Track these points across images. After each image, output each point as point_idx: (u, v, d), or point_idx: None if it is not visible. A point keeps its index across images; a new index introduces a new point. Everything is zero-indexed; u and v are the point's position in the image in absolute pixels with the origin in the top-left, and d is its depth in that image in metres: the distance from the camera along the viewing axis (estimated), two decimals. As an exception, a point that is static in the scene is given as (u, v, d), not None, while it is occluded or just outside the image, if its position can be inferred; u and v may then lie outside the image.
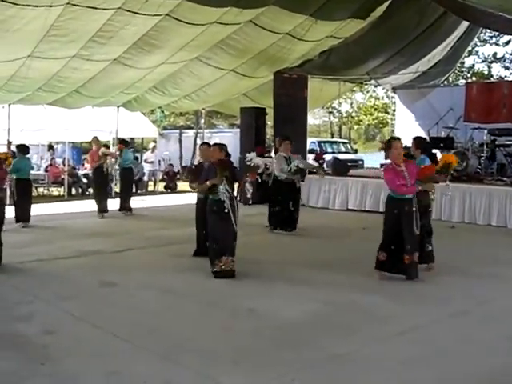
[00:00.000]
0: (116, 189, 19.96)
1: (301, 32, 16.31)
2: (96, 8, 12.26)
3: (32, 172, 15.29)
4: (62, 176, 21.86)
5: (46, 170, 22.58)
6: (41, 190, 21.93)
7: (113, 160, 16.01)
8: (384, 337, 6.22)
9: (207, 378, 5.15)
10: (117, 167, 17.11)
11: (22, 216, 13.25)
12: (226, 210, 8.59)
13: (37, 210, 13.85)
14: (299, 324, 6.67)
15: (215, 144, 9.70)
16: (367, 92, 39.54)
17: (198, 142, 29.18)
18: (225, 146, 9.45)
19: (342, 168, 18.30)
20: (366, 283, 8.46)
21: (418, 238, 8.50)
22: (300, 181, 13.02)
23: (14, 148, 16.30)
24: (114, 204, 15.89)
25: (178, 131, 35.98)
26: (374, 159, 27.52)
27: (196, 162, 26.57)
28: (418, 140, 9.63)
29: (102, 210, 15.31)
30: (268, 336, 6.26)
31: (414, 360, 5.55)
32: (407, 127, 21.67)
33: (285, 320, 6.78)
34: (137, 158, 24.14)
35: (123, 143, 16.50)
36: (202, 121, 26.74)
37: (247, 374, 5.23)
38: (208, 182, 8.71)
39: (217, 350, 5.78)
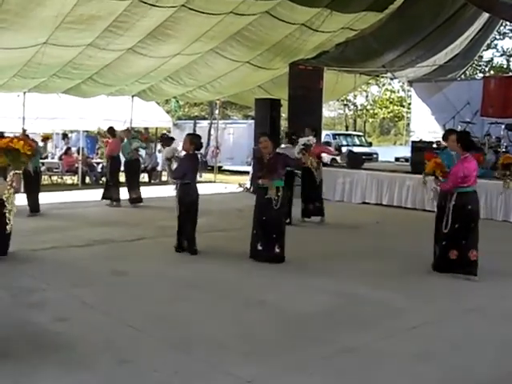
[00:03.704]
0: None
1: (317, 23, 16.21)
2: (111, -1, 12.30)
3: (46, 160, 15.35)
4: (76, 165, 21.89)
5: (60, 159, 22.61)
6: (55, 178, 21.99)
7: None
8: (396, 331, 6.17)
9: (218, 369, 5.13)
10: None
11: (32, 206, 13.17)
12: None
13: (50, 198, 13.87)
14: (311, 316, 6.63)
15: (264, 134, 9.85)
16: (383, 85, 39.41)
17: (212, 132, 29.17)
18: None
19: (356, 161, 18.24)
20: (379, 276, 8.40)
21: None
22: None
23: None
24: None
25: (192, 121, 35.94)
26: (388, 153, 27.43)
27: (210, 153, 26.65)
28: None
29: (116, 198, 15.45)
30: (279, 328, 6.23)
31: (425, 355, 5.50)
32: (423, 121, 21.55)
33: (297, 312, 6.75)
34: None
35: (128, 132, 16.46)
36: (217, 111, 26.70)
37: (258, 366, 5.20)
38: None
39: (228, 341, 5.76)
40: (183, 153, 9.90)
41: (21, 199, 10.46)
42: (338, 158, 18.00)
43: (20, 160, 4.73)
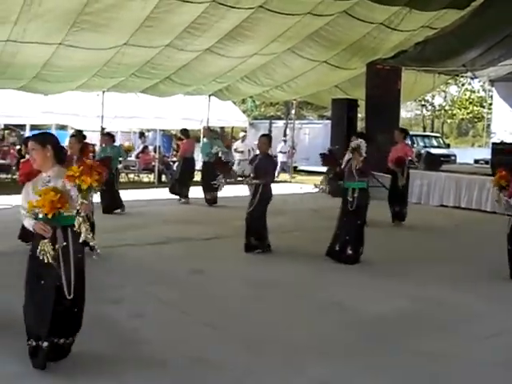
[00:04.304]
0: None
1: (395, 21, 15.98)
2: (190, 2, 12.40)
3: (123, 158, 15.60)
4: (153, 163, 22.22)
5: (137, 157, 22.98)
6: (131, 176, 22.38)
7: None
8: (473, 337, 6.03)
9: (292, 368, 5.11)
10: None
11: (109, 207, 13.33)
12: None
13: (127, 195, 14.07)
14: (386, 319, 6.54)
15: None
16: (462, 85, 38.55)
17: (288, 132, 29.15)
18: None
19: (434, 163, 17.93)
20: (456, 281, 8.22)
21: None
22: None
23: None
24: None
25: (267, 121, 36.01)
26: (466, 154, 26.86)
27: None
28: None
29: (185, 195, 15.84)
30: (353, 330, 6.17)
31: (503, 364, 5.33)
32: (505, 122, 20.96)
33: (372, 314, 6.67)
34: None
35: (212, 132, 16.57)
36: (293, 111, 26.65)
37: (333, 366, 5.17)
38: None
39: (302, 341, 5.74)
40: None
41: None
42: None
43: (89, 193, 4.84)
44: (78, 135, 9.64)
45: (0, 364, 4.97)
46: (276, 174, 22.88)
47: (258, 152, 10.37)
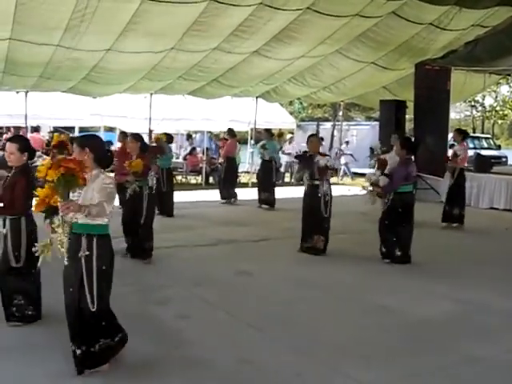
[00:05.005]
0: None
1: (445, 21, 15.74)
2: (238, 5, 12.45)
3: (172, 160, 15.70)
4: (201, 165, 22.33)
5: (184, 159, 23.14)
6: (179, 177, 22.49)
7: None
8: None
9: (338, 372, 5.13)
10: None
11: (166, 210, 13.51)
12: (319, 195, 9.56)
13: (175, 197, 14.20)
14: (434, 323, 6.52)
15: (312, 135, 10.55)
16: (514, 85, 37.93)
17: (336, 134, 29.04)
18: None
19: (484, 164, 17.66)
20: (507, 285, 8.13)
21: None
22: None
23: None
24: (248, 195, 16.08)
25: (315, 123, 35.93)
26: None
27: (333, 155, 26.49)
28: None
29: (233, 196, 16.06)
30: (400, 333, 6.17)
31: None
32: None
33: (419, 318, 6.65)
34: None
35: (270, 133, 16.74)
36: (341, 113, 26.54)
37: (378, 370, 5.16)
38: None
39: (348, 345, 5.76)
40: None
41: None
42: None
43: (65, 192, 4.65)
44: (134, 135, 9.77)
45: (51, 362, 5.07)
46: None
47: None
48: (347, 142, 27.09)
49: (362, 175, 25.22)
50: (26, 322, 6.00)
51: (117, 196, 5.76)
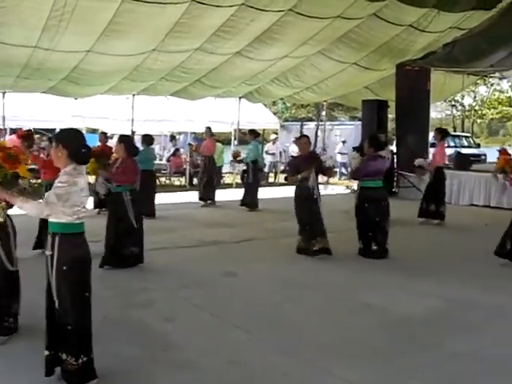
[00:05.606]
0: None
1: (424, 23, 16.00)
2: (219, 6, 12.57)
3: (155, 162, 15.62)
4: (184, 166, 22.32)
5: (168, 160, 23.05)
6: (163, 179, 22.32)
7: None
8: (506, 337, 6.06)
9: (325, 372, 5.18)
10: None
11: (147, 211, 13.36)
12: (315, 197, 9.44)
13: (159, 199, 14.15)
14: (418, 320, 6.60)
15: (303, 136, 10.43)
16: (491, 85, 38.34)
17: (319, 134, 29.18)
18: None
19: (464, 162, 17.94)
20: (489, 281, 8.26)
21: None
22: None
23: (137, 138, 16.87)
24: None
25: (299, 123, 36.01)
26: (497, 154, 26.64)
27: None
28: None
29: (210, 198, 15.90)
30: (385, 331, 6.24)
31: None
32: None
33: (402, 316, 6.72)
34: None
35: (253, 134, 16.44)
36: (324, 113, 26.67)
37: (364, 369, 5.22)
38: (300, 175, 9.41)
39: (334, 344, 5.80)
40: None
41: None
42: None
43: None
44: (119, 136, 9.51)
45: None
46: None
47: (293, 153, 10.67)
48: (343, 142, 27.10)
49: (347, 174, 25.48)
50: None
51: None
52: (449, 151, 21.86)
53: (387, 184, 12.50)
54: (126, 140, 9.13)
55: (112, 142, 13.81)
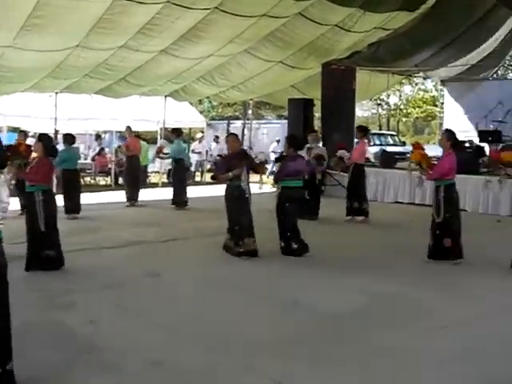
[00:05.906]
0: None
1: (349, 23, 16.21)
2: (144, 3, 12.41)
3: (79, 161, 15.33)
4: (109, 165, 22.03)
5: (93, 160, 22.68)
6: (88, 179, 22.03)
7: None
8: (430, 331, 6.16)
9: (251, 369, 5.16)
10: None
11: (71, 207, 13.26)
12: (246, 195, 9.49)
13: (83, 199, 13.92)
14: (344, 316, 6.63)
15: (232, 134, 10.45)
16: (416, 84, 39.22)
17: (246, 132, 29.21)
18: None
19: (389, 160, 18.22)
20: (413, 276, 8.41)
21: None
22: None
23: (60, 137, 16.51)
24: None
25: (225, 122, 36.04)
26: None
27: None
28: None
29: (133, 198, 15.72)
30: (312, 328, 6.25)
31: (459, 355, 5.48)
32: (456, 120, 21.38)
33: (330, 312, 6.75)
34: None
35: (176, 132, 16.35)
36: (250, 111, 26.72)
37: (291, 366, 5.21)
38: (231, 173, 9.34)
39: (261, 341, 5.79)
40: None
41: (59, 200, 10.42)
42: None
43: None
44: (39, 135, 9.19)
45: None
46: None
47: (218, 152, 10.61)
48: (278, 141, 27.10)
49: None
50: None
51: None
52: (374, 149, 22.35)
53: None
54: (44, 139, 8.86)
55: (32, 141, 13.40)
